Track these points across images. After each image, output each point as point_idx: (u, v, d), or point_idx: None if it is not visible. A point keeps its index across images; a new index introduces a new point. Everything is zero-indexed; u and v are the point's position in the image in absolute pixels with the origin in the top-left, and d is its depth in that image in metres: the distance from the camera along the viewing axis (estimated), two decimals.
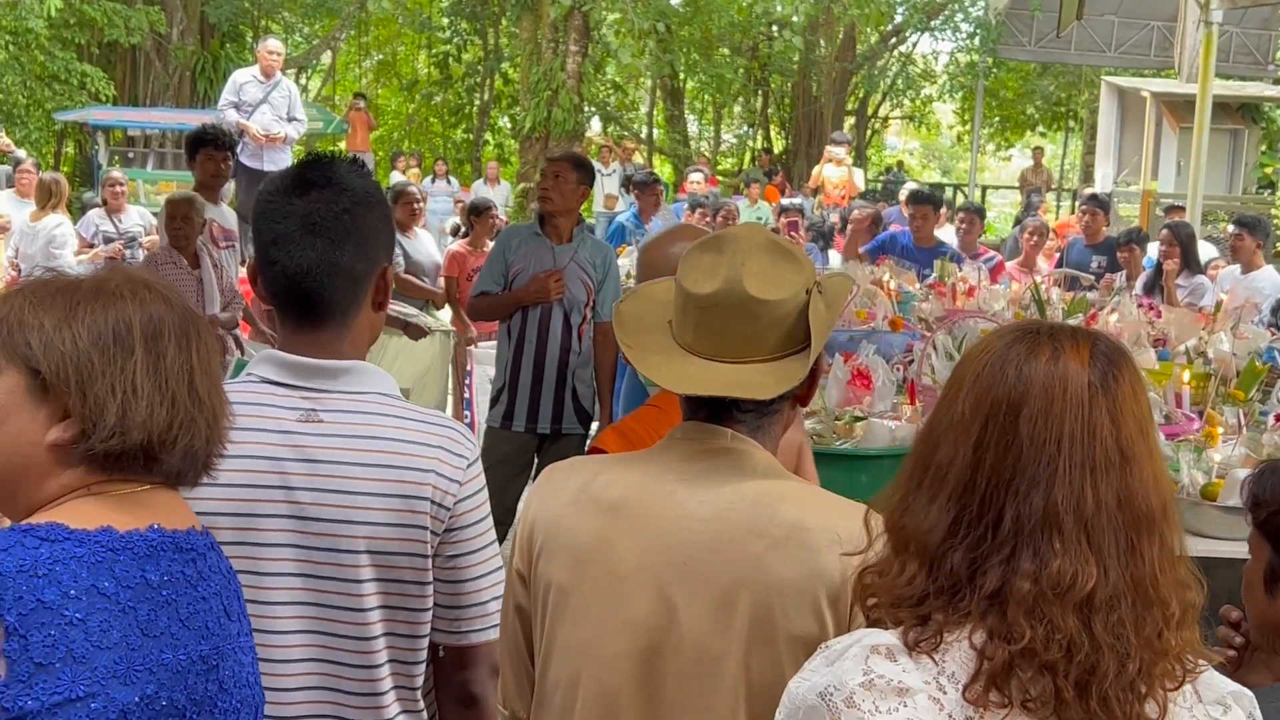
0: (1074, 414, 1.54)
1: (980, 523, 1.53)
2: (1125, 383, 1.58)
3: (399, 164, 22.75)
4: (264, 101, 11.77)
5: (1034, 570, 1.49)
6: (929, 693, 1.49)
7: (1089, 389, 1.55)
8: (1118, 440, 1.54)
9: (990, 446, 1.55)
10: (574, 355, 6.23)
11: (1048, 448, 1.53)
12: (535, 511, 2.12)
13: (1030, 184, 23.80)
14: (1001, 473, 1.53)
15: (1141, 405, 1.60)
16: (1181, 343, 5.73)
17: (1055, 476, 1.51)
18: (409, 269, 8.98)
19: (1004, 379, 1.57)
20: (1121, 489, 1.53)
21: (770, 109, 33.30)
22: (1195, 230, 10.72)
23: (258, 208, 2.31)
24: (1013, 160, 40.72)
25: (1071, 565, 1.49)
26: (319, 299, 2.25)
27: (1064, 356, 1.57)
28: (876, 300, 6.50)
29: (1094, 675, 1.47)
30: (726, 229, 2.14)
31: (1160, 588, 1.53)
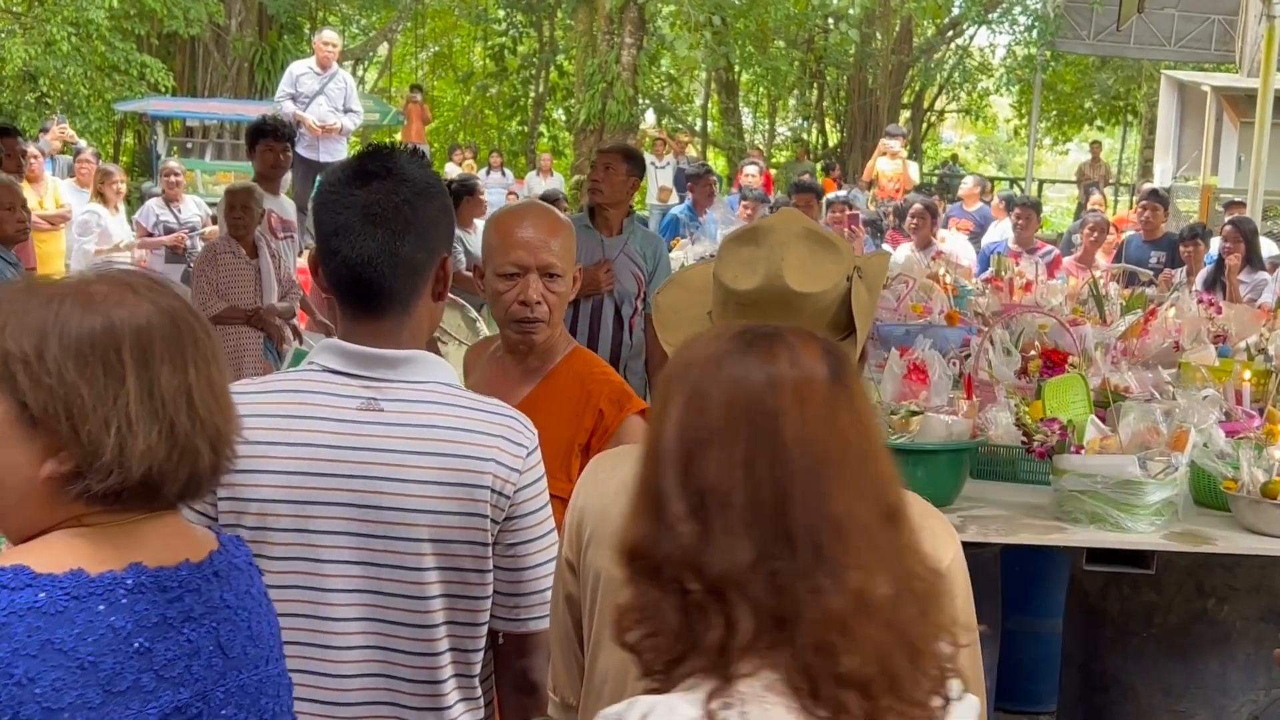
0: (827, 415, 1.47)
1: (774, 545, 1.42)
2: (853, 377, 1.54)
3: (455, 156, 22.82)
4: (320, 93, 11.85)
5: (835, 587, 1.40)
6: None
7: (831, 388, 1.49)
8: (865, 437, 1.50)
9: (758, 461, 1.44)
10: (626, 347, 6.25)
11: (812, 452, 1.44)
12: (584, 500, 2.12)
13: (1088, 179, 23.58)
14: (778, 487, 1.43)
15: (867, 399, 1.56)
16: (1242, 339, 5.66)
17: (830, 483, 1.43)
18: (470, 265, 9.01)
19: (754, 390, 1.47)
20: (876, 486, 1.48)
21: (825, 102, 33.16)
22: (1256, 226, 10.61)
23: (319, 198, 2.33)
24: (1070, 154, 40.35)
25: (864, 575, 1.42)
26: (380, 289, 2.27)
27: (802, 358, 1.50)
28: (933, 295, 6.46)
29: (901, 680, 1.42)
30: (764, 219, 2.12)
31: (916, 579, 1.49)
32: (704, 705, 1.38)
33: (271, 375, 2.44)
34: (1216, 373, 4.79)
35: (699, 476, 1.45)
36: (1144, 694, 4.16)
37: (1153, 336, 5.44)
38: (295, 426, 2.23)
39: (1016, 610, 5.11)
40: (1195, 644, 4.08)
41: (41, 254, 10.01)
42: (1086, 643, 4.36)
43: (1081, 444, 3.81)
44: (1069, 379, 4.35)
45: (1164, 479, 3.66)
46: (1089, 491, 3.67)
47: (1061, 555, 4.54)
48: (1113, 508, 3.65)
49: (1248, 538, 3.74)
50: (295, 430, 2.23)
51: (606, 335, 6.23)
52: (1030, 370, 4.68)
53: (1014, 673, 5.15)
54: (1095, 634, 4.31)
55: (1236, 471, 3.83)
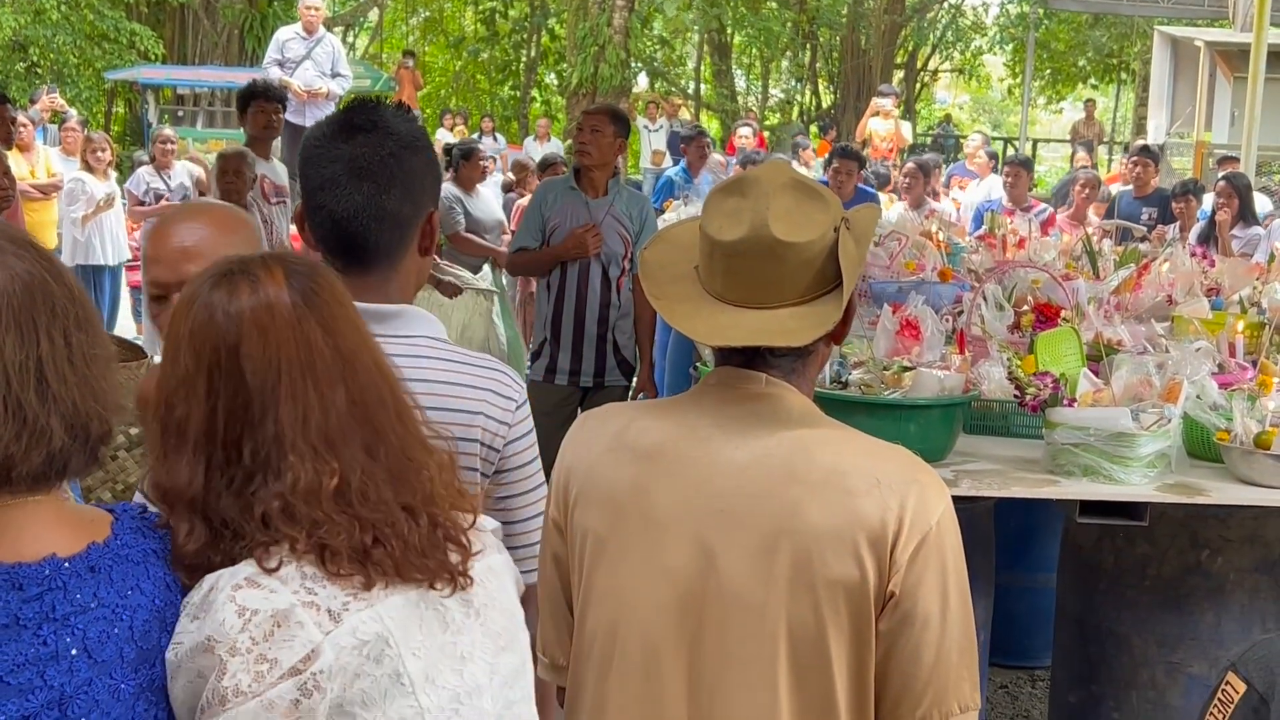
0: (287, 336, 1.63)
1: (231, 465, 1.61)
2: (327, 293, 1.69)
3: (446, 121, 22.74)
4: (307, 58, 11.79)
5: (279, 488, 1.59)
6: (301, 600, 1.56)
7: (295, 309, 1.65)
8: (334, 348, 1.66)
9: (220, 393, 1.62)
10: (614, 309, 6.26)
11: (269, 378, 1.62)
12: (570, 460, 2.11)
13: (1082, 137, 23.56)
14: (236, 413, 1.61)
15: (349, 310, 1.72)
16: (1235, 292, 5.65)
17: (279, 398, 1.61)
18: (470, 227, 8.99)
19: (215, 326, 1.63)
20: (352, 390, 1.66)
21: (818, 63, 33.05)
22: (1250, 181, 10.58)
23: (304, 153, 2.31)
24: (1064, 113, 40.25)
25: (310, 472, 1.61)
26: (366, 243, 2.26)
27: (262, 286, 1.65)
28: (925, 252, 6.44)
29: (385, 537, 1.62)
30: (749, 170, 2.10)
31: (413, 458, 1.71)
32: (257, 565, 1.58)
33: None
34: (1210, 325, 4.78)
35: (168, 415, 1.64)
36: (1138, 646, 4.17)
37: (1146, 290, 5.43)
38: None
39: (1010, 565, 5.12)
40: (1189, 596, 4.09)
41: (33, 224, 9.96)
42: (1080, 596, 4.36)
43: (1074, 397, 3.80)
44: (1061, 332, 4.34)
45: (1157, 431, 3.66)
46: (1082, 444, 3.67)
47: (1055, 509, 4.53)
48: (1106, 460, 3.64)
49: (1241, 489, 3.74)
50: None
51: (594, 297, 6.23)
52: (1023, 325, 4.67)
53: (1008, 627, 5.17)
54: (1089, 587, 4.32)
55: (1230, 423, 3.82)
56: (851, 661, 1.92)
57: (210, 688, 1.52)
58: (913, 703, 1.92)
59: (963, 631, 1.93)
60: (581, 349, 6.27)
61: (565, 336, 6.27)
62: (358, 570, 1.60)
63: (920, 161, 11.02)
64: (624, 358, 6.34)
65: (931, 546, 1.89)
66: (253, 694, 1.51)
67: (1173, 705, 4.10)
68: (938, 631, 1.90)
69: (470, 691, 1.70)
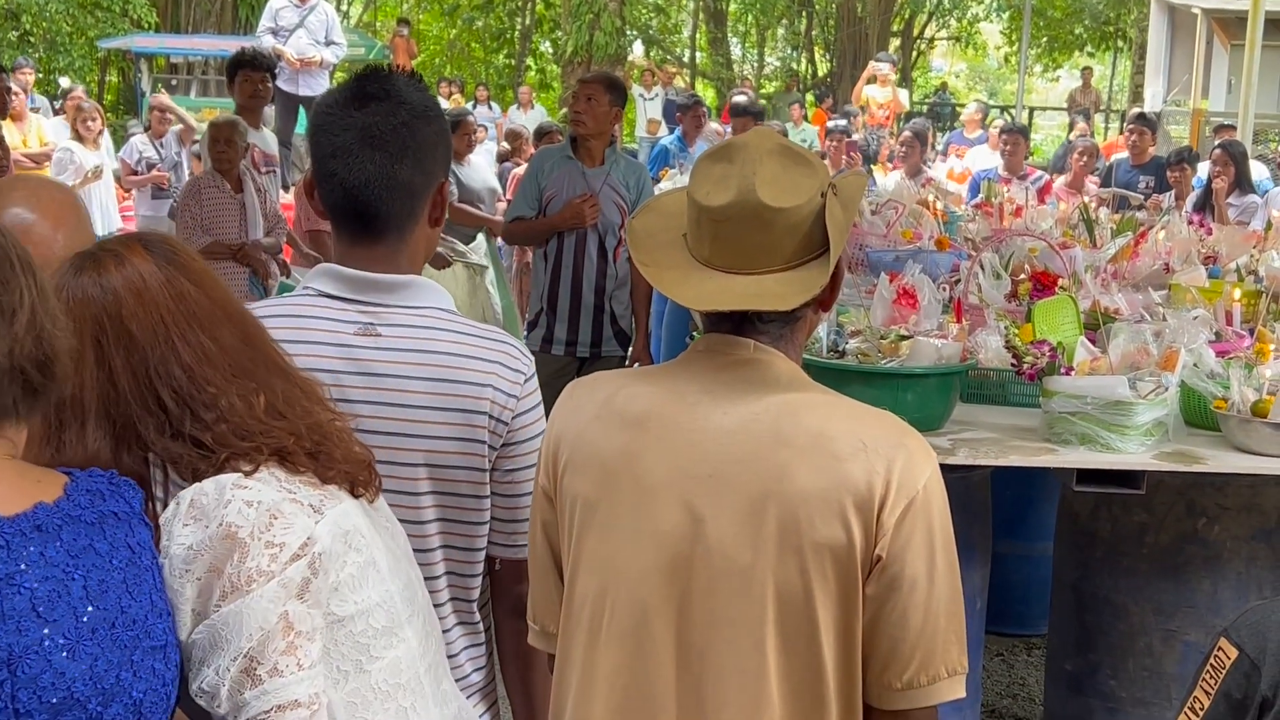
0: (163, 293, 1.78)
1: (153, 414, 1.74)
2: (186, 257, 1.85)
3: (443, 90, 22.67)
4: (300, 25, 11.76)
5: (216, 414, 1.75)
6: (286, 498, 1.72)
7: (162, 270, 1.80)
8: (210, 298, 1.82)
9: (114, 357, 1.74)
10: (610, 279, 6.24)
11: (159, 330, 1.76)
12: (560, 428, 2.11)
13: (1078, 105, 23.48)
14: (138, 370, 1.75)
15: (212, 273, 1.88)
16: (1232, 260, 5.64)
17: (176, 346, 1.76)
18: (463, 197, 8.95)
19: (92, 301, 1.76)
20: (238, 330, 1.84)
21: (815, 31, 32.94)
22: (1247, 149, 10.56)
23: (316, 120, 2.30)
24: (1060, 81, 40.13)
25: (235, 395, 1.77)
26: (377, 212, 2.25)
27: (127, 260, 1.79)
28: (922, 220, 6.43)
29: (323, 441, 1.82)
30: (736, 136, 2.09)
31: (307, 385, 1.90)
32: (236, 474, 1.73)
33: (266, 300, 2.43)
34: (1207, 293, 4.78)
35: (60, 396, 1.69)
36: (1135, 614, 4.17)
37: (1143, 259, 5.43)
38: (293, 351, 2.21)
39: (1007, 534, 5.13)
40: (1186, 564, 4.09)
41: None
42: (1077, 564, 4.37)
43: (1071, 365, 3.80)
44: (1059, 301, 4.33)
45: (1154, 399, 3.65)
46: (1079, 413, 3.66)
47: (1052, 478, 4.54)
48: (1103, 429, 3.64)
49: (1238, 457, 3.74)
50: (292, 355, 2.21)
51: (590, 267, 6.21)
52: (1020, 293, 4.66)
53: (1005, 596, 5.18)
54: (1086, 555, 4.32)
55: (1227, 391, 3.82)
56: (839, 625, 1.92)
57: (228, 576, 1.64)
58: (900, 666, 1.93)
59: (950, 596, 1.94)
60: (578, 319, 6.26)
61: (562, 307, 6.26)
62: (317, 468, 1.78)
63: (917, 130, 10.99)
64: (620, 328, 6.34)
65: (918, 510, 1.90)
66: (272, 574, 1.65)
67: (1169, 673, 4.11)
68: (925, 595, 1.91)
69: (414, 582, 1.92)
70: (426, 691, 1.88)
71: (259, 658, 1.63)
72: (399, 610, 1.83)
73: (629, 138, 19.83)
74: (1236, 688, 2.00)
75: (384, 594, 1.80)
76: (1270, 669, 1.96)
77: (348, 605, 1.75)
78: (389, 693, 1.80)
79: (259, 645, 1.63)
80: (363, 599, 1.76)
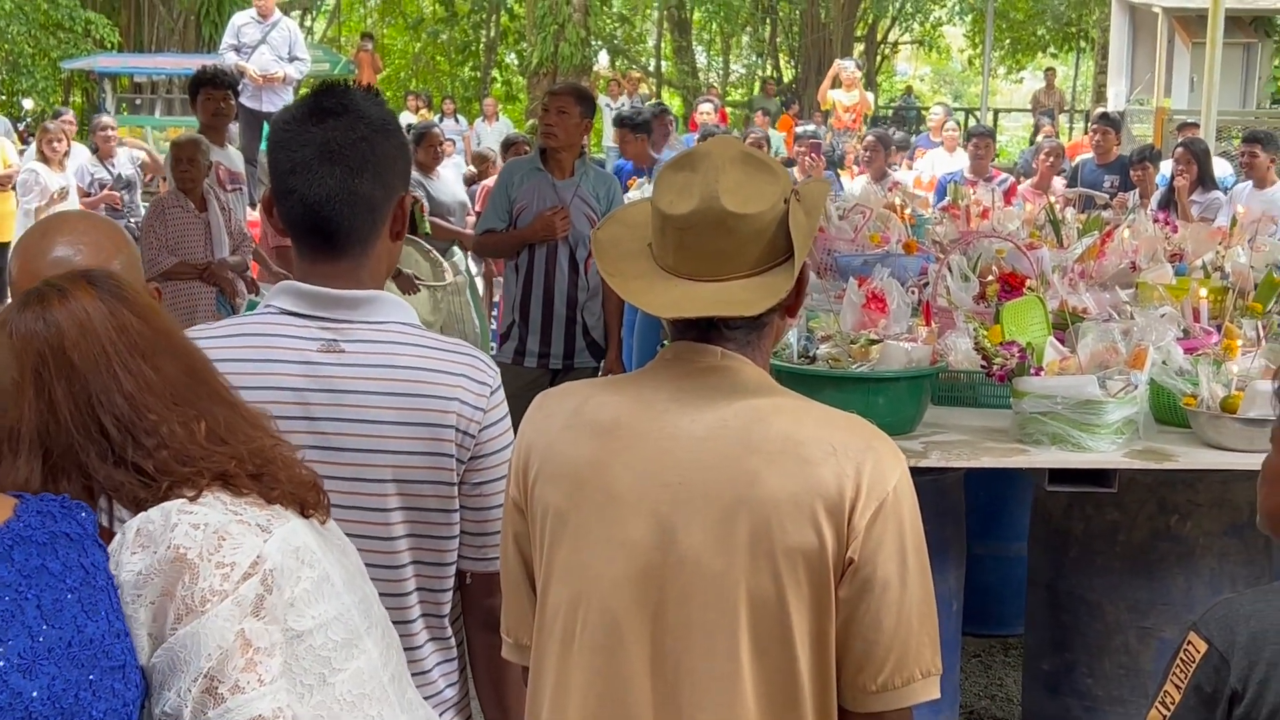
0: (106, 324, 1.79)
1: (95, 441, 1.74)
2: (131, 292, 1.86)
3: (410, 104, 22.64)
4: (262, 42, 11.74)
5: (157, 441, 1.75)
6: (233, 519, 1.72)
7: (106, 303, 1.80)
8: (153, 328, 1.83)
9: (54, 388, 1.75)
10: (582, 290, 6.24)
11: (101, 359, 1.76)
12: (530, 439, 2.11)
13: (1043, 106, 23.58)
14: (80, 399, 1.74)
15: (157, 307, 1.90)
16: (1198, 257, 5.67)
17: (117, 374, 1.76)
18: (433, 211, 8.92)
19: (35, 335, 1.77)
20: (181, 359, 1.84)
21: (779, 37, 33.04)
22: (1210, 146, 10.63)
23: (274, 137, 2.28)
24: (1024, 83, 40.32)
25: (176, 422, 1.77)
26: (338, 227, 2.23)
27: (71, 295, 1.80)
28: (890, 224, 6.45)
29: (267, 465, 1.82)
30: (699, 145, 2.10)
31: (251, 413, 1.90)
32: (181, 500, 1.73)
33: (228, 320, 2.40)
34: (1174, 291, 4.79)
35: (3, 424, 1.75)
36: (1110, 612, 4.18)
37: (1109, 258, 5.44)
38: (256, 370, 2.21)
39: (982, 535, 5.14)
40: (1160, 561, 4.11)
41: None
42: (1052, 564, 4.38)
43: (1041, 366, 3.81)
44: (1027, 301, 4.34)
45: (1124, 398, 3.67)
46: (1049, 413, 3.67)
47: (1025, 478, 4.55)
48: (1073, 428, 3.65)
49: (1208, 453, 3.75)
50: (255, 374, 2.20)
51: (562, 279, 6.21)
52: (988, 295, 4.68)
53: (981, 597, 5.18)
54: (1060, 555, 4.33)
55: (1196, 388, 3.83)
56: (813, 629, 1.92)
57: (181, 598, 1.64)
58: (874, 669, 1.93)
59: (922, 597, 1.94)
60: (550, 331, 6.25)
61: (534, 318, 6.25)
62: (261, 489, 1.78)
63: (880, 134, 11.02)
64: (593, 339, 6.33)
65: (889, 512, 1.91)
66: (225, 593, 1.65)
67: (1145, 670, 4.12)
68: (897, 597, 1.91)
69: (369, 597, 1.90)
70: (392, 700, 1.88)
71: (219, 676, 1.63)
72: (357, 622, 1.83)
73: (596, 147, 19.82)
74: (1207, 681, 2.00)
75: (340, 607, 1.80)
76: (1239, 662, 1.96)
77: (305, 620, 1.75)
78: (354, 703, 1.80)
79: (218, 664, 1.63)
80: (319, 613, 1.77)
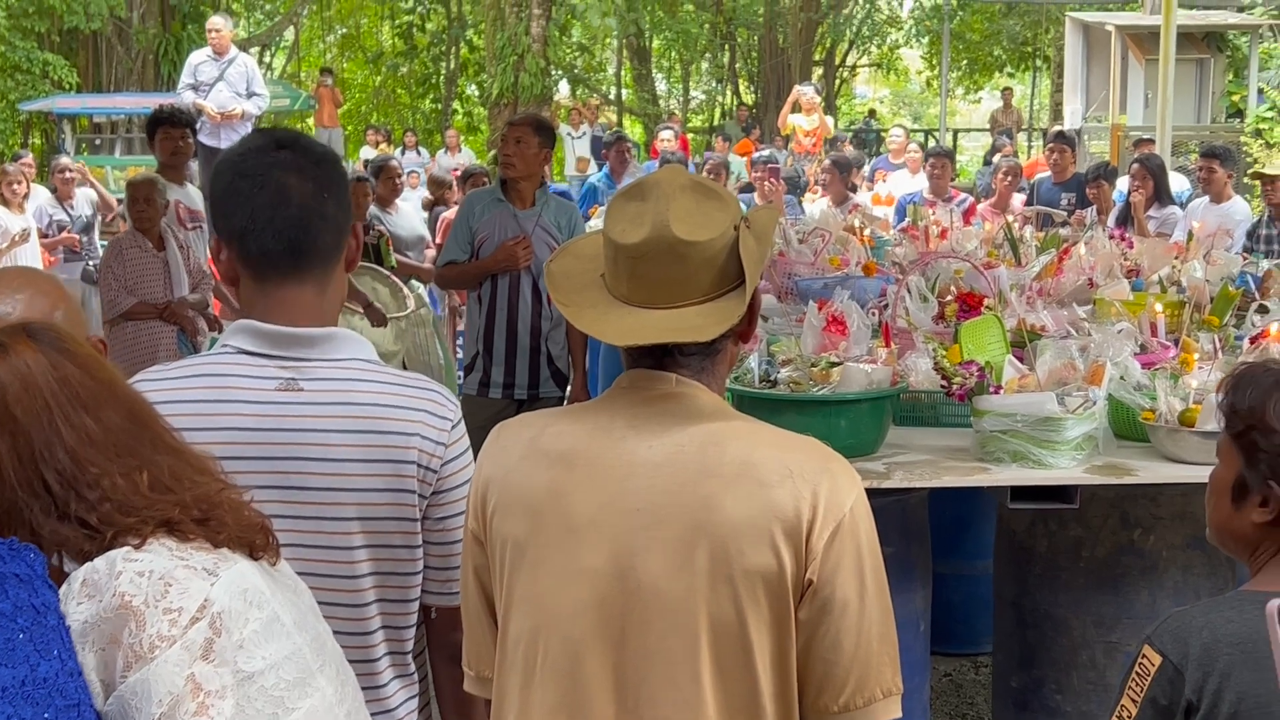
0: (47, 379, 1.78)
1: (39, 497, 1.73)
2: (73, 343, 1.85)
3: (370, 138, 22.62)
4: (220, 79, 11.70)
5: (99, 494, 1.74)
6: (179, 565, 1.71)
7: (47, 357, 1.80)
8: (95, 379, 1.82)
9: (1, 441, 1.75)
10: (545, 320, 6.24)
11: (43, 414, 1.76)
12: (487, 470, 2.11)
13: (1001, 125, 23.76)
14: (23, 454, 1.74)
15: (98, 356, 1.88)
16: (1154, 272, 5.71)
17: (59, 429, 1.76)
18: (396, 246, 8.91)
19: None
20: (122, 409, 1.83)
21: (738, 63, 33.19)
22: (1165, 162, 10.71)
23: (234, 169, 2.26)
24: (983, 103, 40.61)
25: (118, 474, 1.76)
26: (309, 245, 2.23)
27: (12, 350, 1.79)
28: (850, 247, 6.49)
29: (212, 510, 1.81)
30: (648, 175, 2.13)
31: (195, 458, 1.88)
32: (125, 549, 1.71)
33: (186, 360, 2.38)
34: (1131, 306, 4.83)
35: None
36: (1077, 628, 4.20)
37: (1067, 275, 5.49)
38: (214, 411, 2.19)
39: (948, 554, 5.16)
40: (1124, 575, 4.13)
41: None
42: (1017, 581, 4.39)
43: (1000, 384, 3.83)
44: (984, 320, 4.37)
45: (1083, 414, 3.69)
46: (1010, 430, 3.70)
47: (988, 496, 4.57)
48: (1034, 445, 3.67)
49: (1168, 466, 3.78)
50: (214, 415, 2.19)
51: (525, 309, 6.21)
52: (947, 315, 4.70)
53: (948, 615, 5.20)
54: (1025, 572, 4.35)
55: (1154, 402, 3.86)
56: (773, 652, 1.94)
57: (128, 645, 1.64)
58: (835, 690, 1.94)
59: (881, 618, 1.96)
60: (514, 361, 6.25)
61: (498, 349, 6.25)
62: (207, 534, 1.78)
63: (838, 159, 11.08)
64: (558, 368, 6.33)
65: (846, 533, 1.92)
66: (174, 638, 1.65)
67: (1112, 684, 4.13)
68: (856, 618, 1.93)
69: (322, 635, 1.89)
70: None
71: None
72: (309, 661, 1.82)
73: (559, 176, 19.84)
74: (1162, 694, 2.02)
75: (292, 647, 1.79)
76: (1194, 674, 1.98)
77: (255, 661, 1.73)
78: None
79: (170, 710, 1.63)
80: (270, 653, 1.75)
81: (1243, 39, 21.43)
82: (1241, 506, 2.17)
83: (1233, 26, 21.49)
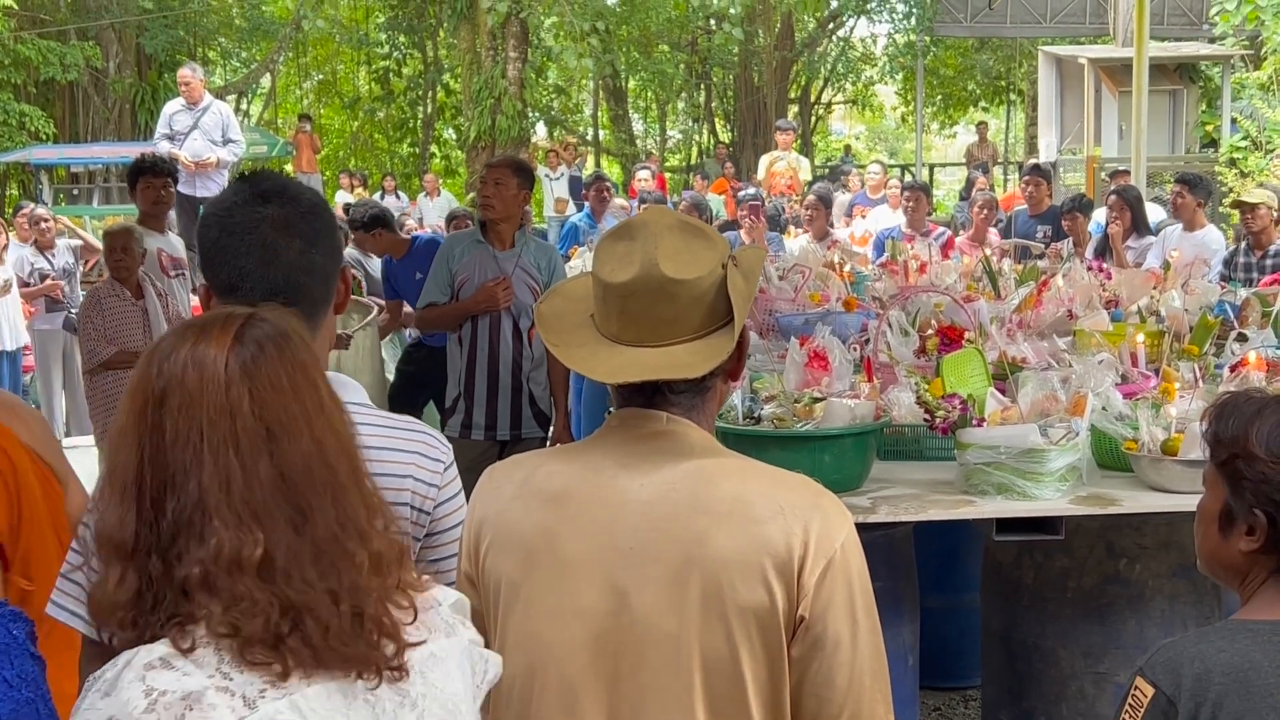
0: (211, 398, 1.60)
1: (156, 522, 1.58)
2: (272, 361, 1.65)
3: (344, 182, 22.62)
4: (194, 128, 11.70)
5: (200, 554, 1.55)
6: (215, 684, 1.51)
7: (226, 372, 1.61)
8: (261, 418, 1.61)
9: (146, 444, 1.60)
10: (527, 360, 6.24)
11: (191, 436, 1.58)
12: (480, 511, 2.12)
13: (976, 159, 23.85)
14: (159, 468, 1.59)
15: (298, 379, 1.66)
16: (1133, 302, 5.75)
17: (202, 461, 1.57)
18: (371, 290, 8.87)
19: (150, 377, 1.62)
20: (278, 462, 1.60)
21: (714, 102, 33.34)
22: (1141, 192, 10.78)
23: (219, 224, 2.27)
24: (958, 137, 40.85)
25: (234, 539, 1.55)
26: (302, 298, 2.24)
27: (204, 344, 1.62)
28: (830, 282, 6.50)
29: (303, 622, 1.56)
30: (635, 215, 2.15)
31: (344, 544, 1.63)
32: (173, 645, 1.53)
33: None
34: (1111, 337, 4.86)
35: (113, 458, 1.62)
36: (1065, 659, 4.20)
37: (1046, 307, 5.51)
38: None
39: (936, 587, 5.15)
40: (1111, 605, 4.13)
41: None
42: (1004, 613, 4.39)
43: (983, 417, 3.84)
44: (966, 353, 4.39)
45: (1066, 445, 3.70)
46: (994, 463, 3.70)
47: (975, 529, 4.57)
48: (1018, 477, 3.68)
49: (1152, 496, 3.79)
50: None
51: (506, 349, 6.21)
52: (928, 348, 4.72)
53: (938, 649, 5.19)
54: (1012, 604, 4.35)
55: (1136, 432, 3.88)
56: (766, 688, 1.94)
57: None
58: None
59: (873, 654, 1.97)
60: (496, 402, 6.24)
61: (479, 391, 6.24)
62: (274, 658, 1.54)
63: (821, 193, 11.11)
64: (540, 409, 6.32)
65: (837, 569, 1.93)
66: None
67: (1102, 715, 4.14)
68: (849, 654, 1.94)
69: None
70: None
71: None
72: None
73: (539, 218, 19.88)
74: None
75: None
76: (1187, 704, 1.98)
77: None
78: None
79: None
80: None
81: (1215, 69, 21.61)
82: (1229, 535, 2.17)
83: (1205, 57, 21.67)
